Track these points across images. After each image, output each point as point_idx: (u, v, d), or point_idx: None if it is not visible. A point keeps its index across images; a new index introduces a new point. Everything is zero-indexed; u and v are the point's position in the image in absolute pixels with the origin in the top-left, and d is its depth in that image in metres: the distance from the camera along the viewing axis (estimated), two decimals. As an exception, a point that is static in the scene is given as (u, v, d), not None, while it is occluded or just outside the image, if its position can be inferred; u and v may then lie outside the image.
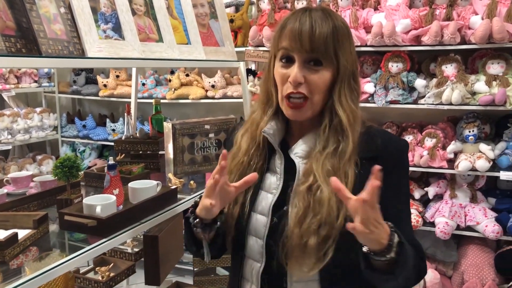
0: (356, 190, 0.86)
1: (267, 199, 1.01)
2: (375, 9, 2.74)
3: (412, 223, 2.49)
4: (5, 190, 1.47)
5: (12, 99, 3.58)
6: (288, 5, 2.91)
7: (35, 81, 3.62)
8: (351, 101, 0.97)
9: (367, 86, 2.66)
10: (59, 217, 1.27)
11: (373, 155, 0.97)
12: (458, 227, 2.50)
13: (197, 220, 1.00)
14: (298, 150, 1.01)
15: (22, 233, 1.18)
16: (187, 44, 1.76)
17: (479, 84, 2.41)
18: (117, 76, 3.55)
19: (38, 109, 3.60)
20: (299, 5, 2.80)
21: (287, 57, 0.98)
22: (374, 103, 2.64)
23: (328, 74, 0.96)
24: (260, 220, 1.01)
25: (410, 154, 2.58)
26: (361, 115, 1.02)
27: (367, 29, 2.68)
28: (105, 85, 3.48)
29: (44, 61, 1.12)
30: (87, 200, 1.28)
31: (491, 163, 2.40)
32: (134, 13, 1.52)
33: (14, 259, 1.12)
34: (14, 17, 1.13)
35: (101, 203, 1.26)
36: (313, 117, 1.00)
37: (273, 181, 1.03)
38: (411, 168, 2.63)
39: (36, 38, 1.13)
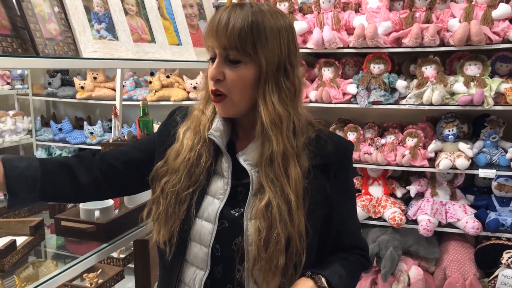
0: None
1: (213, 205, 0.96)
2: (356, 11, 2.78)
3: (396, 222, 2.57)
4: (-6, 196, 1.41)
5: (-17, 102, 3.44)
6: (270, 7, 2.92)
7: (8, 83, 3.49)
8: (278, 101, 0.92)
9: (350, 87, 2.71)
10: (55, 223, 1.23)
11: (325, 162, 0.98)
12: (440, 224, 2.57)
13: None
14: (249, 157, 0.97)
15: (19, 240, 1.13)
16: (178, 45, 1.74)
17: (458, 85, 2.49)
18: (95, 78, 3.46)
19: (11, 112, 3.47)
20: (281, 7, 2.82)
21: (212, 54, 0.95)
22: (357, 104, 2.68)
23: (248, 72, 0.91)
24: (206, 227, 0.96)
25: (392, 154, 2.64)
26: (307, 116, 1.00)
27: (349, 31, 2.72)
28: (82, 87, 3.40)
29: (42, 62, 1.08)
30: (84, 205, 1.24)
31: (470, 161, 2.49)
32: (126, 13, 1.49)
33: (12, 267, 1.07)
34: (8, 15, 1.09)
35: (99, 208, 1.23)
36: (251, 118, 0.97)
37: (220, 186, 0.97)
38: (393, 168, 2.69)
39: (33, 37, 1.09)
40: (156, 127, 1.79)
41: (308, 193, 0.94)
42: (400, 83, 2.62)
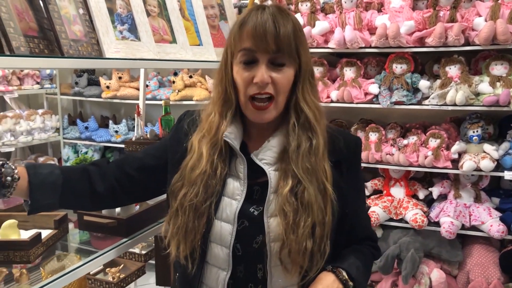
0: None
1: (231, 206, 0.98)
2: (379, 11, 2.76)
3: (417, 223, 2.53)
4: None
5: (14, 101, 3.57)
6: (292, 7, 2.93)
7: (37, 83, 3.61)
8: (314, 97, 0.99)
9: (372, 87, 2.69)
10: (78, 218, 1.28)
11: (337, 158, 1.01)
12: (463, 227, 2.52)
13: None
14: (265, 156, 0.99)
15: (44, 233, 1.18)
16: (199, 45, 1.77)
17: (483, 85, 2.44)
18: (120, 78, 3.54)
19: (40, 111, 3.59)
20: (303, 7, 2.82)
21: (249, 59, 0.95)
22: (379, 104, 2.66)
23: (291, 73, 0.96)
24: (225, 228, 0.97)
25: (414, 155, 2.61)
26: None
27: (371, 30, 2.70)
28: (107, 87, 3.48)
29: (67, 62, 1.12)
30: (106, 200, 1.28)
31: (495, 163, 2.43)
32: (148, 14, 1.53)
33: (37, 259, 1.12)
34: (36, 18, 1.13)
35: (120, 203, 1.26)
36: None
37: (236, 187, 0.99)
38: (415, 169, 2.66)
39: (58, 39, 1.14)
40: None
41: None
42: (423, 83, 2.58)
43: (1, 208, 1.35)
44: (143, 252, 2.18)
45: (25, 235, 1.14)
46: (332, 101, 2.79)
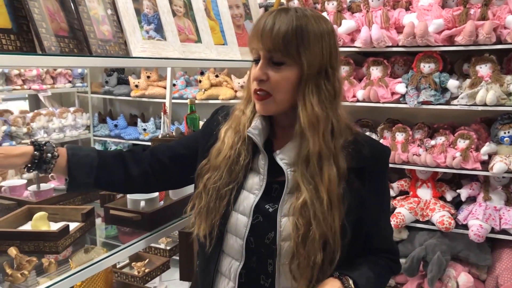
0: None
1: (248, 200, 1.01)
2: (407, 9, 2.72)
3: (444, 225, 2.48)
4: (52, 185, 1.53)
5: (48, 99, 3.70)
6: (318, 6, 2.92)
7: (69, 82, 3.73)
8: (318, 102, 0.95)
9: (399, 86, 2.65)
10: (105, 211, 1.32)
11: (361, 166, 1.00)
12: (493, 230, 2.46)
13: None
14: (286, 156, 1.00)
15: (72, 226, 1.22)
16: (223, 44, 1.79)
17: (515, 85, 2.37)
18: (148, 77, 3.62)
19: (71, 109, 3.71)
20: (329, 6, 2.81)
21: (256, 56, 0.99)
22: (406, 103, 2.62)
23: (291, 73, 0.95)
24: (241, 220, 1.00)
25: (442, 155, 2.55)
26: (346, 119, 1.01)
27: (398, 29, 2.66)
28: (136, 86, 3.56)
29: (95, 60, 1.16)
30: (131, 196, 1.32)
31: (528, 165, 2.36)
32: (174, 14, 1.56)
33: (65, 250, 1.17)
34: (67, 18, 1.18)
35: (145, 198, 1.30)
36: (290, 117, 0.99)
37: (256, 182, 1.02)
38: (443, 170, 2.60)
39: (87, 38, 1.18)
40: (201, 124, 1.86)
41: (344, 195, 0.96)
42: (452, 83, 2.52)
43: (33, 201, 1.41)
44: (168, 247, 2.23)
45: (54, 227, 1.19)
46: (358, 101, 2.76)
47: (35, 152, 1.01)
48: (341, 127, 1.00)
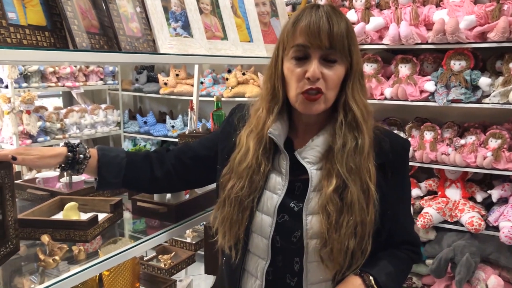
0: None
1: (272, 200, 1.01)
2: (437, 5, 2.67)
3: (474, 227, 2.42)
4: (82, 177, 1.59)
5: (80, 96, 3.82)
6: (346, 3, 2.90)
7: (101, 79, 3.84)
8: (363, 96, 1.00)
9: (427, 84, 2.60)
10: (132, 203, 1.36)
11: (382, 161, 1.00)
12: (525, 232, 2.38)
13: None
14: (308, 155, 1.01)
15: (100, 216, 1.27)
16: (249, 42, 1.81)
17: (551, 83, 2.29)
18: (177, 75, 3.68)
19: (103, 106, 3.82)
20: (357, 3, 2.78)
21: (301, 54, 0.97)
22: (435, 102, 2.57)
23: (342, 70, 0.98)
24: (265, 220, 1.01)
25: (472, 155, 2.50)
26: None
27: (428, 26, 2.62)
28: (165, 83, 3.63)
29: (123, 57, 1.20)
30: (157, 188, 1.36)
31: None
32: (201, 12, 1.59)
33: (94, 239, 1.21)
34: (98, 16, 1.22)
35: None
36: (321, 114, 1.01)
37: (278, 182, 1.02)
38: (473, 170, 2.54)
39: (116, 35, 1.22)
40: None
41: None
42: (484, 81, 2.46)
43: (65, 192, 1.47)
44: (194, 241, 2.27)
45: (84, 217, 1.24)
46: (386, 98, 2.73)
47: (69, 154, 1.08)
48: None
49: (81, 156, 1.08)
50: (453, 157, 2.52)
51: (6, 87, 3.10)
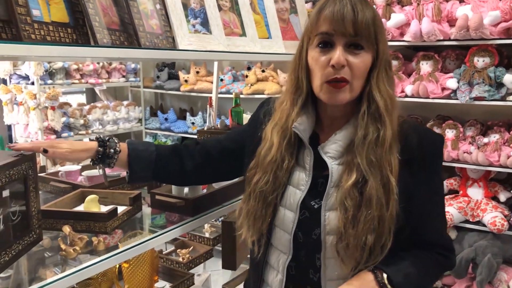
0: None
1: (295, 195, 1.00)
2: (461, 1, 2.62)
3: (496, 227, 2.37)
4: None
5: (103, 93, 3.89)
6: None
7: (123, 76, 3.90)
8: (388, 87, 0.97)
9: (450, 81, 2.56)
10: (151, 197, 1.39)
11: (409, 157, 0.96)
12: (549, 234, 2.33)
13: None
14: (330, 149, 0.99)
15: (120, 209, 1.30)
16: (268, 38, 1.82)
17: None
18: (197, 72, 3.72)
19: (125, 102, 3.88)
20: (378, 0, 2.76)
21: (326, 42, 0.95)
22: (457, 99, 2.53)
23: (368, 58, 0.95)
24: (288, 216, 1.00)
25: (495, 154, 2.44)
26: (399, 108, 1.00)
27: (451, 22, 2.57)
28: (186, 81, 3.67)
29: (143, 53, 1.22)
30: (175, 182, 1.38)
31: None
32: (220, 8, 1.61)
33: (113, 231, 1.25)
34: (118, 13, 1.25)
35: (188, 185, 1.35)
36: (347, 106, 0.99)
37: (302, 177, 1.01)
38: (496, 169, 2.49)
39: (136, 32, 1.25)
40: (245, 117, 1.90)
41: None
42: (508, 78, 2.40)
43: (86, 185, 1.51)
44: (212, 236, 2.29)
45: (104, 209, 1.27)
46: (406, 96, 2.70)
47: (99, 148, 1.10)
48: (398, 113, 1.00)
49: (111, 150, 1.10)
50: (475, 156, 2.47)
51: (32, 83, 3.19)
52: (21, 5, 0.97)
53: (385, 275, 0.94)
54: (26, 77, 3.26)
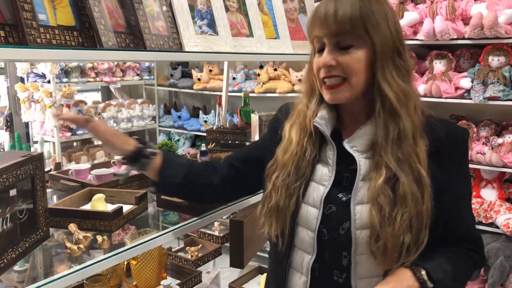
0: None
1: (318, 191, 0.99)
2: (476, -1, 2.58)
3: (510, 229, 2.33)
4: (112, 170, 1.66)
5: (118, 91, 3.95)
6: (380, -2, 2.85)
7: (138, 74, 3.95)
8: (398, 78, 0.93)
9: (463, 81, 2.52)
10: (156, 196, 1.41)
11: (436, 149, 0.94)
12: None
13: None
14: (357, 143, 0.98)
15: (126, 208, 1.33)
16: (275, 38, 1.82)
17: None
18: (210, 71, 3.74)
19: (139, 100, 3.93)
20: (391, -2, 2.73)
21: (320, 45, 0.96)
22: (471, 99, 2.49)
23: (362, 54, 0.92)
24: (311, 212, 0.98)
25: (510, 155, 2.40)
26: (419, 99, 0.97)
27: (465, 20, 2.53)
28: (199, 79, 3.70)
29: (148, 55, 1.24)
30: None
31: None
32: (227, 9, 1.62)
33: (119, 229, 1.27)
34: (124, 15, 1.27)
35: (192, 185, 1.37)
36: (361, 102, 0.97)
37: (325, 173, 1.00)
38: (510, 170, 2.45)
39: (142, 34, 1.26)
40: (253, 116, 1.90)
41: None
42: (524, 77, 2.36)
43: (94, 184, 1.54)
44: (221, 234, 2.31)
45: (110, 208, 1.29)
46: (419, 95, 2.66)
47: (140, 145, 1.13)
48: (419, 104, 0.97)
49: (149, 150, 1.13)
50: (489, 157, 2.43)
51: (48, 82, 3.26)
52: (27, 10, 1.00)
53: (423, 271, 0.92)
54: (43, 76, 3.33)
